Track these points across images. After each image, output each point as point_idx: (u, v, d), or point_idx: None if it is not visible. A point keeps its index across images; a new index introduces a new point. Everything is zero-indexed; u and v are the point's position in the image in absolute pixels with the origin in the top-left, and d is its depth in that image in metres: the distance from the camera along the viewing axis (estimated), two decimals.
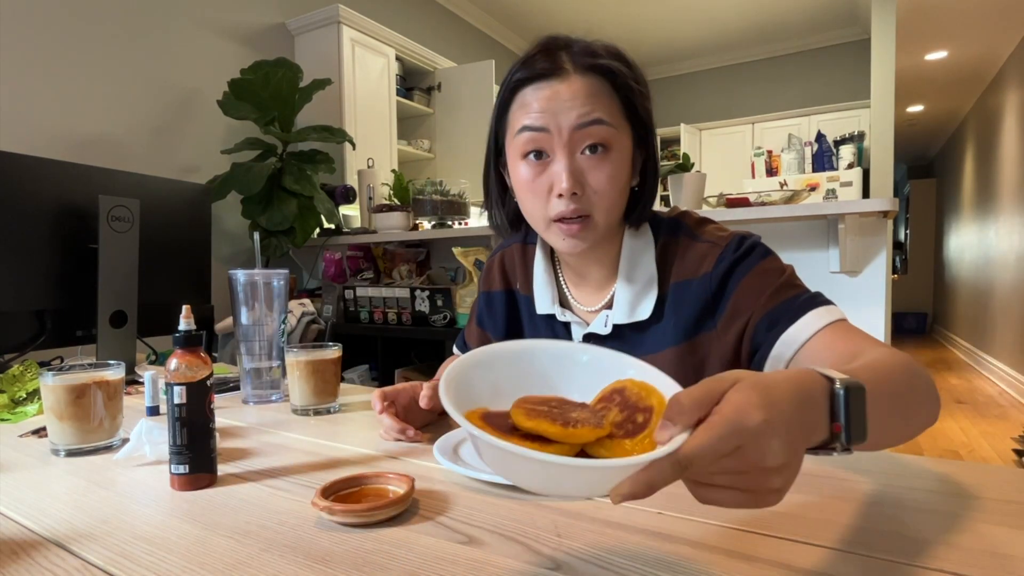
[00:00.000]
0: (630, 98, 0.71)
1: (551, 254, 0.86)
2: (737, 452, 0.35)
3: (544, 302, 0.84)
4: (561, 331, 0.83)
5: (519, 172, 0.72)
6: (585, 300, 0.82)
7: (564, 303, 0.84)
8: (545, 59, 0.69)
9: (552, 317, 0.83)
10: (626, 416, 0.39)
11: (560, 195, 0.69)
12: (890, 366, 0.53)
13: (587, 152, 0.69)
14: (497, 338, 0.92)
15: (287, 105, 2.49)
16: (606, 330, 0.78)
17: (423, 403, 0.73)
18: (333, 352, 0.92)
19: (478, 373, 0.42)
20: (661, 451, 0.34)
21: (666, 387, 0.41)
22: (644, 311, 0.76)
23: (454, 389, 0.39)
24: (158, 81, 2.55)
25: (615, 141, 0.70)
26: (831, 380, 0.41)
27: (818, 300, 0.69)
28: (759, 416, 0.35)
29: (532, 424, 0.37)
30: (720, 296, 0.73)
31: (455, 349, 1.05)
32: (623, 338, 0.78)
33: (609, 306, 0.79)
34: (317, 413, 0.90)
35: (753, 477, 0.36)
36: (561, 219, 0.70)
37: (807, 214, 1.83)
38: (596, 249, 0.77)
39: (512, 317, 0.90)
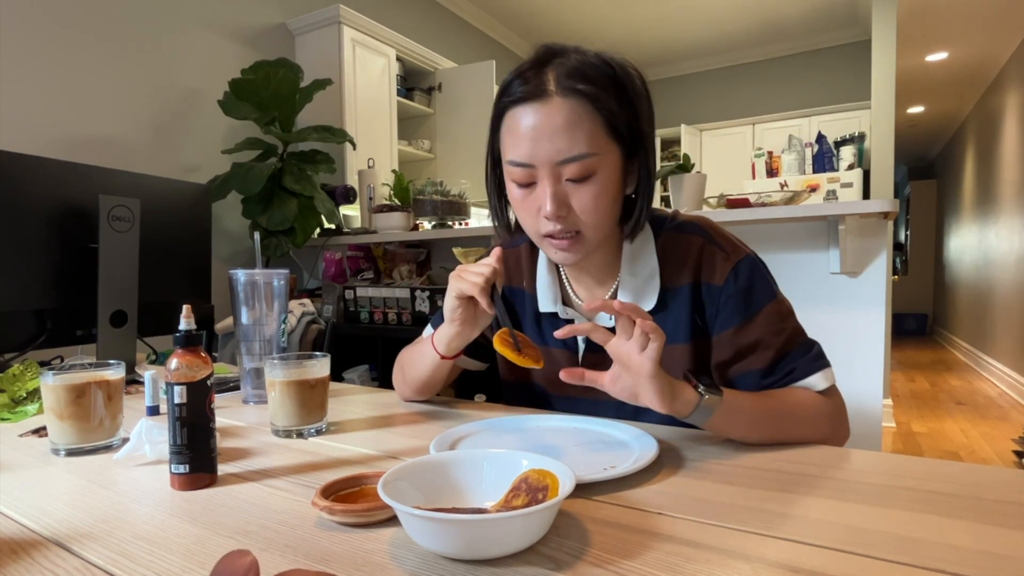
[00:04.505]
0: (615, 118, 0.71)
1: None
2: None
3: (546, 301, 0.87)
4: (563, 327, 0.84)
5: (512, 192, 0.76)
6: (587, 296, 0.86)
7: (567, 301, 0.87)
8: (533, 78, 0.70)
9: (555, 315, 0.87)
10: (531, 498, 0.48)
11: (546, 217, 0.72)
12: (781, 397, 0.73)
13: (571, 181, 0.71)
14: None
15: (287, 105, 2.49)
16: (611, 322, 0.80)
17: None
18: (320, 368, 0.80)
19: (404, 483, 0.50)
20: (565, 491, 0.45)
21: (557, 468, 0.49)
22: (649, 302, 0.80)
23: (392, 489, 0.46)
24: (158, 81, 2.56)
25: (599, 167, 0.71)
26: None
27: (821, 361, 0.76)
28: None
29: None
30: (719, 314, 0.77)
31: (429, 328, 0.95)
32: None
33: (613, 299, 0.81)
34: (300, 436, 0.79)
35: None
36: (551, 236, 0.74)
37: (807, 215, 1.82)
38: (593, 254, 0.80)
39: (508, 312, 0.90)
